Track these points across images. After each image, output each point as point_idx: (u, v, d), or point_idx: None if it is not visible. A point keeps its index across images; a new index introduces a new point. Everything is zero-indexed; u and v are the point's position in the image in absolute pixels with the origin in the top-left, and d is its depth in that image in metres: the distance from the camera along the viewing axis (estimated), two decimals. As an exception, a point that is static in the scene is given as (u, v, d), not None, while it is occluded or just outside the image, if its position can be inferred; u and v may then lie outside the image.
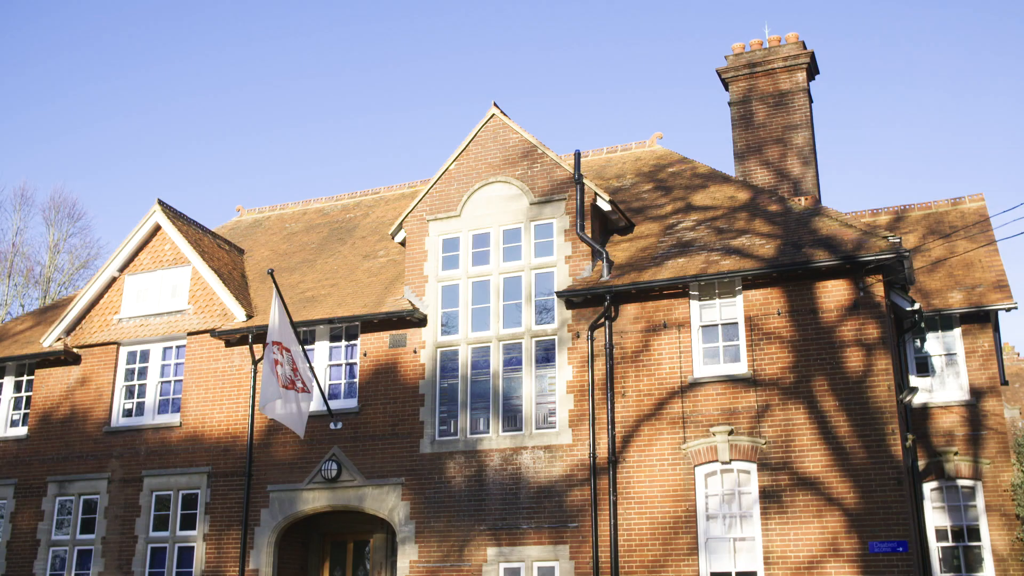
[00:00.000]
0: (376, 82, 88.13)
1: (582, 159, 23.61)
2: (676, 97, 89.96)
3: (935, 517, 20.45)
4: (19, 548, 22.72)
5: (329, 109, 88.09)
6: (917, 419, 20.74)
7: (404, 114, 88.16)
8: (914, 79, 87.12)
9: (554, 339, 19.37)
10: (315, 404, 20.61)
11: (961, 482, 20.47)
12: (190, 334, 22.46)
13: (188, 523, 21.37)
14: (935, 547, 20.23)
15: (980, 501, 20.24)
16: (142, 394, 22.88)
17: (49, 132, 73.44)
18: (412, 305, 20.33)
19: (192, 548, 21.15)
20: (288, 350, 18.87)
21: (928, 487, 20.50)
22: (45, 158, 71.17)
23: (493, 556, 18.58)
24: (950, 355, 21.23)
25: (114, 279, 23.77)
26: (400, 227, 21.32)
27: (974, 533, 20.21)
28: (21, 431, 23.86)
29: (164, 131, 79.06)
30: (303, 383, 19.01)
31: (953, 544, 20.25)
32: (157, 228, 23.69)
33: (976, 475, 20.30)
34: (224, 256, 24.49)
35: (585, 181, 19.89)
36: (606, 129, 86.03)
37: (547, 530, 18.36)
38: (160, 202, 23.62)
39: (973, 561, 20.10)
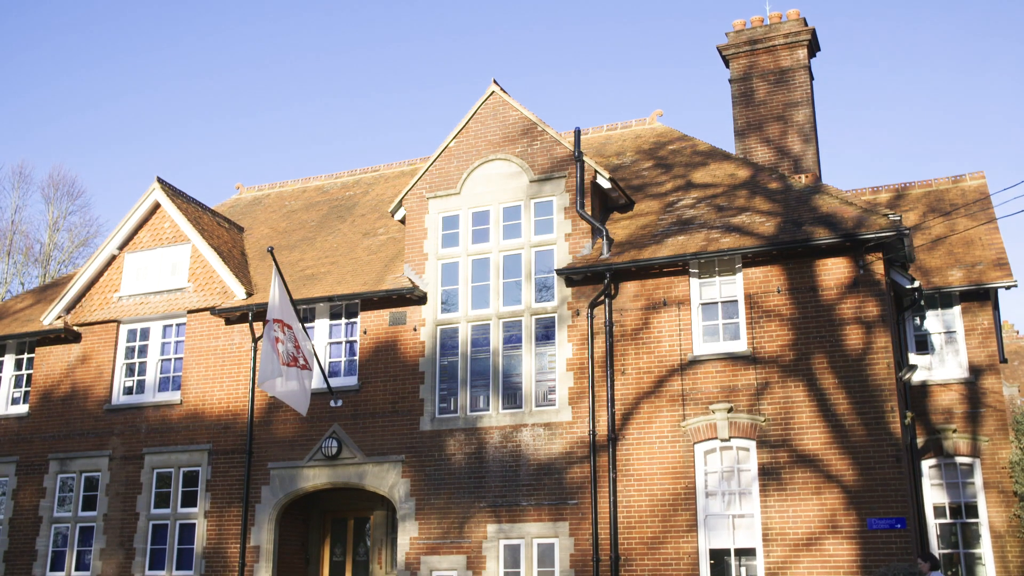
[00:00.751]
0: (375, 60, 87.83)
1: (582, 137, 23.57)
2: (676, 75, 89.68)
3: (933, 494, 20.53)
4: (21, 525, 22.83)
5: (328, 88, 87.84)
6: (916, 397, 20.79)
7: (404, 92, 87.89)
8: (915, 56, 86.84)
9: (554, 317, 19.39)
10: (315, 382, 20.65)
11: (959, 459, 20.54)
12: (190, 312, 22.48)
13: (189, 500, 21.45)
14: (933, 524, 20.32)
15: (978, 478, 20.31)
16: (142, 372, 22.92)
17: (48, 110, 73.25)
18: (412, 283, 20.34)
19: (193, 525, 21.25)
20: (290, 327, 18.88)
21: (926, 464, 20.57)
22: (43, 136, 71.03)
23: (493, 533, 18.67)
24: (949, 333, 21.25)
25: (114, 257, 23.76)
26: (400, 205, 21.30)
27: (972, 510, 20.30)
28: (22, 409, 23.92)
29: (163, 109, 78.86)
30: (305, 360, 19.04)
31: (951, 521, 20.34)
32: (156, 206, 23.67)
33: (974, 452, 20.37)
34: (224, 234, 24.47)
35: (585, 159, 19.86)
36: (606, 107, 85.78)
37: (547, 507, 18.44)
38: (159, 180, 23.58)
39: (971, 538, 20.20)
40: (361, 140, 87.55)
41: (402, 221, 21.50)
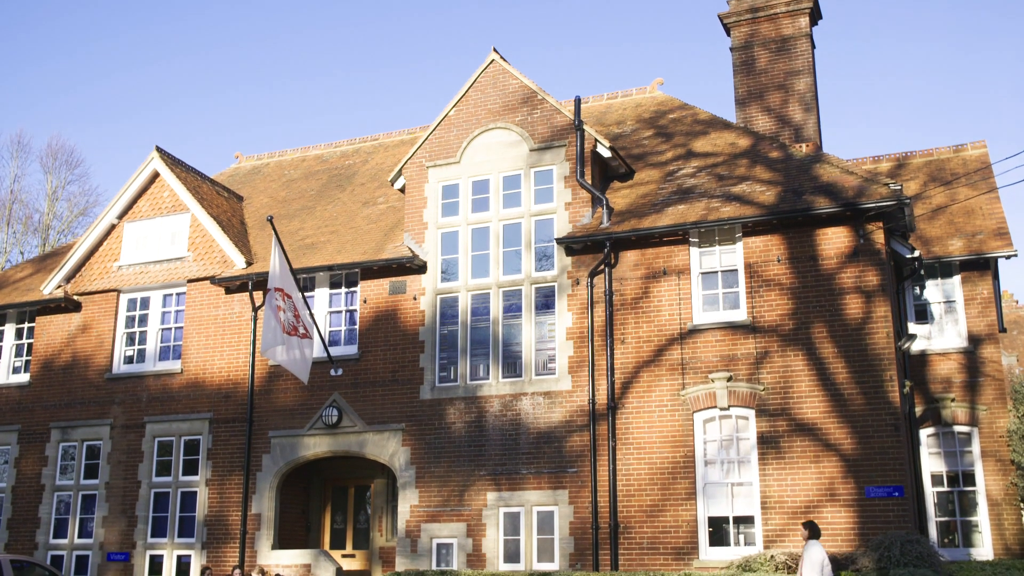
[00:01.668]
0: (375, 30, 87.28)
1: (582, 105, 23.45)
2: (677, 43, 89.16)
3: (931, 463, 20.62)
4: (24, 493, 22.96)
5: (328, 57, 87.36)
6: (915, 366, 20.83)
7: (403, 62, 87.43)
8: (917, 25, 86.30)
9: (554, 286, 19.40)
10: (316, 351, 20.68)
11: (957, 428, 20.61)
12: (190, 281, 22.48)
13: (190, 468, 21.57)
14: (930, 492, 20.42)
15: (976, 447, 20.39)
16: (143, 341, 22.96)
17: (46, 79, 72.86)
18: (412, 252, 20.33)
19: (195, 493, 21.37)
20: (290, 296, 18.90)
21: (924, 433, 20.64)
22: (42, 105, 70.71)
23: (493, 501, 18.77)
24: (949, 302, 21.27)
25: (113, 226, 23.74)
26: (399, 174, 21.24)
27: (969, 478, 20.40)
28: (23, 378, 23.98)
29: (162, 78, 78.46)
30: (305, 329, 19.07)
31: (948, 489, 20.45)
32: (155, 175, 23.61)
33: (972, 421, 20.44)
34: (223, 203, 24.43)
35: (585, 127, 19.79)
36: (607, 75, 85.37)
37: (547, 475, 18.53)
38: (158, 149, 23.51)
39: (967, 506, 20.31)
40: (360, 110, 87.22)
41: (402, 190, 21.46)
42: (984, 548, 19.82)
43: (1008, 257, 20.62)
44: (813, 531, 14.50)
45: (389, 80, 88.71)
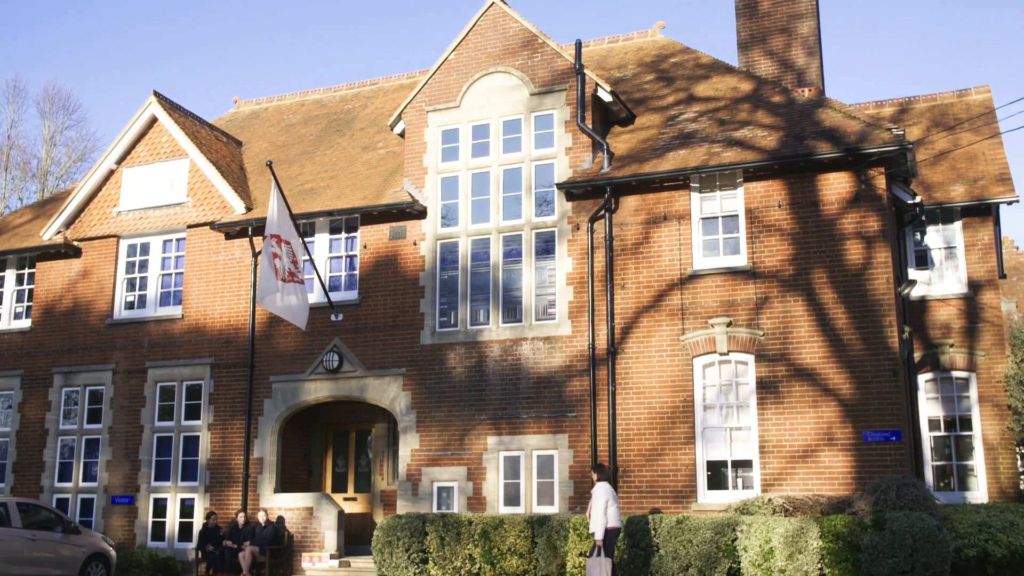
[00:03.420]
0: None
1: (583, 49, 23.26)
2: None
3: (928, 407, 20.74)
4: (28, 437, 23.14)
5: (327, 1, 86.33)
6: (915, 311, 20.87)
7: (403, 5, 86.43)
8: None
9: (554, 231, 19.37)
10: (316, 296, 20.75)
11: (955, 374, 20.70)
12: (190, 227, 22.45)
13: (193, 413, 21.71)
14: (927, 436, 20.57)
15: (973, 392, 20.49)
16: (143, 287, 22.98)
17: (42, 23, 72.07)
18: (412, 197, 20.27)
19: (197, 437, 21.53)
20: (287, 242, 18.87)
21: (923, 378, 20.74)
22: (38, 50, 70.05)
23: (493, 445, 18.93)
24: (950, 248, 21.24)
25: (112, 172, 23.64)
26: (399, 118, 21.11)
27: (966, 423, 20.53)
28: (25, 323, 24.04)
29: (159, 22, 77.63)
30: (303, 275, 19.06)
31: (945, 434, 20.59)
32: (154, 120, 23.46)
33: (970, 367, 20.52)
34: (222, 148, 24.31)
35: (586, 71, 19.62)
36: (608, 19, 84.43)
37: (546, 419, 18.66)
38: (156, 94, 23.33)
39: (964, 450, 20.47)
40: (360, 54, 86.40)
41: (401, 135, 21.35)
42: (979, 492, 20.02)
43: (1010, 203, 20.56)
44: (601, 473, 14.89)
45: (389, 24, 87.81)
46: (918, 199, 18.59)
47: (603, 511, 14.34)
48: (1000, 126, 22.27)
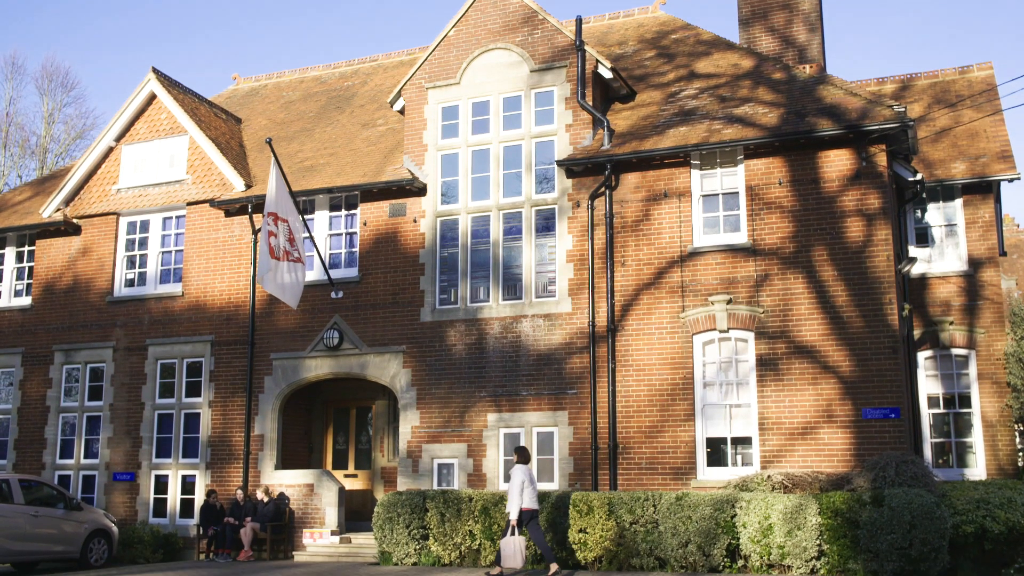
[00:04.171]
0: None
1: (583, 26, 23.16)
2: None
3: (928, 385, 20.78)
4: (30, 414, 23.19)
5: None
6: (915, 289, 20.87)
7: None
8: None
9: (554, 208, 19.34)
10: (316, 273, 20.75)
11: (955, 351, 20.71)
12: (189, 204, 22.41)
13: (193, 390, 21.75)
14: (926, 413, 20.61)
15: (972, 369, 20.52)
16: (143, 264, 22.97)
17: (39, 1, 71.68)
18: (412, 174, 20.23)
19: (198, 414, 21.58)
20: (285, 220, 18.84)
21: (922, 356, 20.76)
22: (35, 27, 69.68)
23: (493, 422, 18.97)
24: (950, 226, 21.21)
25: (111, 149, 23.59)
26: (399, 95, 21.03)
27: (965, 400, 20.57)
28: (25, 301, 24.05)
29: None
30: (298, 253, 19.04)
31: (944, 411, 20.64)
32: (152, 97, 23.38)
33: (970, 344, 20.53)
34: (221, 125, 24.24)
35: (586, 48, 19.53)
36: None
37: (546, 396, 18.69)
38: (155, 70, 23.24)
39: (962, 427, 20.52)
40: (359, 31, 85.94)
41: (401, 112, 21.28)
42: (978, 468, 20.08)
43: (1011, 180, 20.52)
44: (521, 456, 15.42)
45: (388, 1, 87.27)
46: (919, 176, 18.55)
47: (519, 492, 14.92)
48: (1002, 103, 22.22)
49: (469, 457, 19.02)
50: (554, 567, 14.82)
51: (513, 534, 14.80)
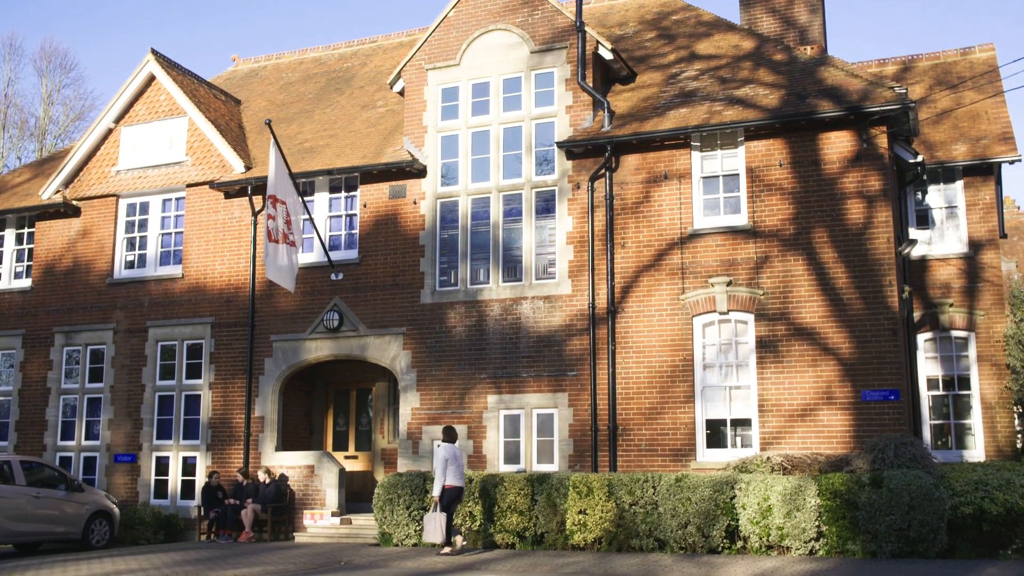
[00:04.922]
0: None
1: (584, 6, 23.05)
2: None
3: (927, 367, 20.80)
4: (31, 396, 23.23)
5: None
6: (915, 271, 20.86)
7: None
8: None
9: (554, 190, 19.32)
10: (316, 255, 20.75)
11: (955, 333, 20.72)
12: (189, 186, 22.38)
13: (194, 372, 21.77)
14: (926, 395, 20.64)
15: (972, 351, 20.53)
16: (143, 246, 22.96)
17: (36, -21, 71.33)
18: (411, 156, 20.19)
19: (199, 396, 21.62)
20: (283, 202, 18.82)
21: (922, 338, 20.77)
22: (32, 5, 69.40)
23: (493, 403, 19.01)
24: (951, 208, 21.18)
25: (110, 131, 23.53)
26: (398, 76, 20.97)
27: (964, 382, 20.58)
28: (25, 283, 24.05)
29: (154, -22, 76.77)
30: (294, 236, 19.02)
31: (943, 393, 20.66)
32: (152, 78, 23.31)
33: (970, 326, 20.54)
34: (220, 107, 24.17)
35: (587, 29, 19.46)
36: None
37: (547, 378, 18.72)
38: (154, 51, 23.15)
39: (962, 409, 20.55)
40: (359, 12, 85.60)
41: (401, 93, 21.22)
42: (977, 450, 20.12)
43: (1012, 162, 20.46)
44: (448, 435, 16.21)
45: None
46: (920, 158, 18.51)
47: (442, 470, 15.69)
48: (1004, 85, 22.08)
49: (469, 439, 19.06)
50: (459, 540, 15.93)
51: (435, 510, 15.71)
